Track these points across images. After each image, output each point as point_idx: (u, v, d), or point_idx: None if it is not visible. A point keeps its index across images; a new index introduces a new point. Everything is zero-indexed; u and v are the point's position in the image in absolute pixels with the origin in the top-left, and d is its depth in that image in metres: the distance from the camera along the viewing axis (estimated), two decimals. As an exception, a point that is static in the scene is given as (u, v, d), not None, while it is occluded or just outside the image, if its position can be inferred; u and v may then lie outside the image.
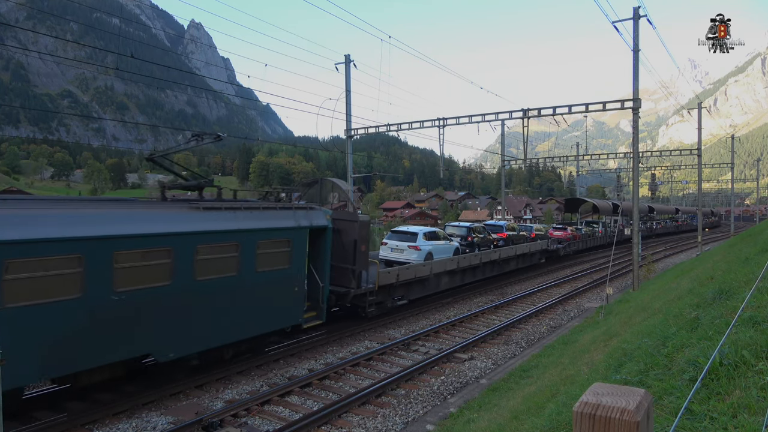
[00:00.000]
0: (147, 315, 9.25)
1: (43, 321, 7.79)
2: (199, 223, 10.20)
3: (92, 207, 9.19)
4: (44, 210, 8.34)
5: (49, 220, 8.11)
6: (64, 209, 8.68)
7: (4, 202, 8.17)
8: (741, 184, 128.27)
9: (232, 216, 10.95)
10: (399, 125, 26.79)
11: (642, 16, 19.49)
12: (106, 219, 8.86)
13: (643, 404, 1.39)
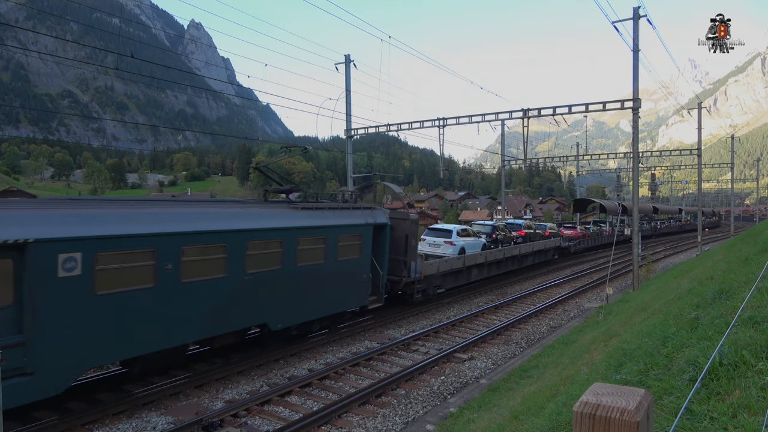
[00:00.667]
0: (265, 292, 11.56)
1: (203, 293, 10.17)
2: (299, 220, 12.58)
3: (228, 207, 11.90)
4: (199, 209, 11.15)
5: (205, 217, 10.74)
6: (212, 209, 11.41)
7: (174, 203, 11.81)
8: (741, 184, 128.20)
9: (321, 215, 13.39)
10: (399, 125, 26.79)
11: (642, 16, 19.49)
12: (239, 216, 11.46)
13: (643, 404, 1.39)
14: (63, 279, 8.05)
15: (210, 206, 11.95)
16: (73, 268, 8.20)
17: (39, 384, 7.83)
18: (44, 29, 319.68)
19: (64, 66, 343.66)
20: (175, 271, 9.66)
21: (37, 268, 7.74)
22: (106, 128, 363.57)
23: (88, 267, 8.36)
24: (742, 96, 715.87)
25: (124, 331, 8.92)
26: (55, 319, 7.96)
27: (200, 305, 10.18)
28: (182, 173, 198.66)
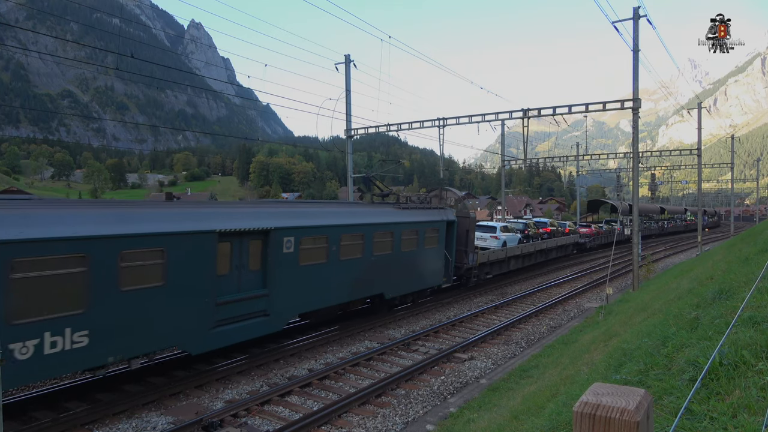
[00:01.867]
0: (382, 271, 15.52)
1: (350, 269, 14.24)
2: (402, 217, 16.66)
3: (358, 206, 16.62)
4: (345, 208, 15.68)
5: (351, 214, 14.90)
6: (352, 208, 16.10)
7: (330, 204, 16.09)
8: (741, 184, 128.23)
9: (413, 213, 17.40)
10: (399, 125, 26.79)
11: (642, 16, 19.48)
12: (368, 214, 15.57)
13: (643, 404, 1.39)
14: (285, 254, 12.17)
15: (350, 206, 16.83)
16: (290, 246, 12.28)
17: (271, 322, 11.92)
18: (44, 29, 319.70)
19: (64, 66, 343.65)
20: (337, 252, 13.71)
21: (274, 246, 11.80)
22: (106, 128, 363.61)
23: (297, 247, 12.42)
24: (742, 96, 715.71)
25: (312, 291, 13.01)
26: (281, 280, 12.01)
27: (349, 277, 14.24)
28: (182, 173, 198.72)
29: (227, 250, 11.01)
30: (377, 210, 16.32)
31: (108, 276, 8.63)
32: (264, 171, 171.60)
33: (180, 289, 9.85)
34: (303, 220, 12.91)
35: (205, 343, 10.49)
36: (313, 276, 12.99)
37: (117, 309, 8.77)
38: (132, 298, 9.01)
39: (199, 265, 10.26)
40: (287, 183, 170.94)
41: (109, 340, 8.66)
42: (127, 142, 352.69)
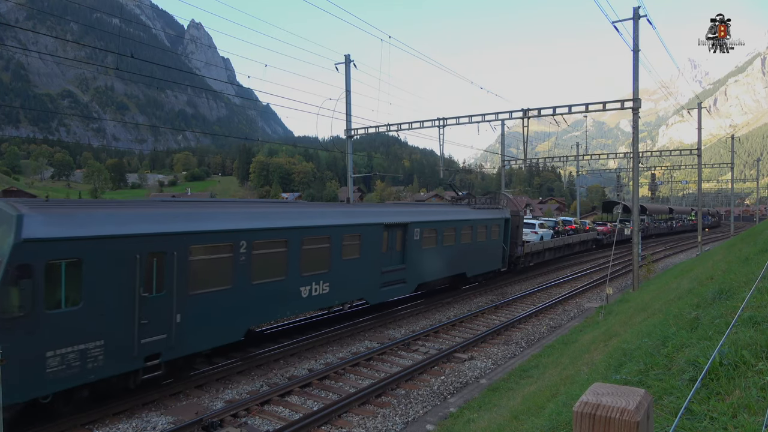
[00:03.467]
0: (465, 255, 20.33)
1: (447, 253, 18.97)
2: (477, 215, 21.49)
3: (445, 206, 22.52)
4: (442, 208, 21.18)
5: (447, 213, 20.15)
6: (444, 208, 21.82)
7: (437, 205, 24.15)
8: (741, 184, 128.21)
9: (483, 212, 22.20)
10: (399, 125, 26.78)
11: (642, 16, 19.47)
12: (456, 212, 20.56)
13: (643, 404, 1.39)
14: (415, 240, 16.96)
15: (446, 207, 22.70)
16: (417, 235, 17.16)
17: (407, 288, 17.04)
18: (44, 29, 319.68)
19: (64, 66, 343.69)
20: (441, 240, 18.63)
21: (409, 234, 16.70)
22: (106, 128, 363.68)
23: (421, 235, 17.32)
24: (742, 96, 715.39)
25: (427, 267, 17.91)
26: (411, 258, 16.90)
27: (447, 258, 19.13)
28: (182, 173, 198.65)
29: (386, 236, 15.91)
30: (461, 210, 21.35)
31: (336, 249, 13.77)
32: (264, 171, 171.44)
33: (366, 260, 14.96)
34: (423, 217, 17.94)
35: (376, 298, 15.84)
36: (428, 256, 17.98)
37: (340, 271, 13.87)
38: (347, 264, 14.19)
39: (375, 245, 15.33)
40: (287, 183, 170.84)
41: (336, 291, 13.77)
42: (127, 142, 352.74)
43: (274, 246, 11.84)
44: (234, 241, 10.79)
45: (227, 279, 10.66)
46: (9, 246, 7.51)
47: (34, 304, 7.65)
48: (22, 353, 7.46)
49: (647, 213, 58.39)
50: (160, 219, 9.77)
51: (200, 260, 10.15)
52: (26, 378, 7.58)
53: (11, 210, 7.91)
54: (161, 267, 9.35)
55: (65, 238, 8.10)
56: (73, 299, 8.17)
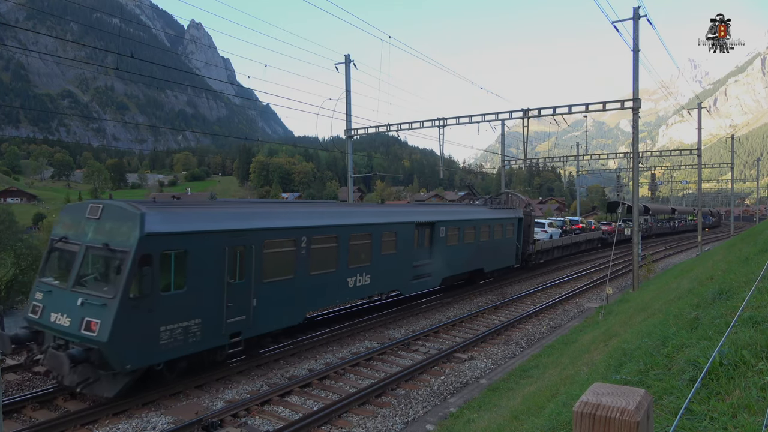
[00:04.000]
0: (483, 252, 21.86)
1: (468, 249, 20.62)
2: (494, 214, 23.41)
3: (467, 207, 23.98)
4: (464, 208, 23.09)
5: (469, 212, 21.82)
6: (465, 208, 23.25)
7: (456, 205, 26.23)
8: (741, 184, 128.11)
9: (499, 212, 24.12)
10: (399, 125, 26.77)
11: (642, 16, 19.46)
12: (474, 212, 22.21)
13: (643, 404, 1.39)
14: (440, 237, 18.62)
15: (466, 207, 24.03)
16: (443, 233, 18.76)
17: (433, 281, 18.50)
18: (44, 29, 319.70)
19: (64, 66, 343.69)
20: (462, 237, 20.21)
21: (436, 232, 18.30)
22: (106, 128, 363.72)
23: (446, 233, 18.95)
24: (742, 96, 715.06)
25: (451, 262, 19.36)
26: (437, 254, 18.29)
27: (468, 255, 20.74)
28: (182, 173, 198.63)
29: (417, 234, 17.35)
30: (479, 209, 23.12)
31: (377, 245, 15.32)
32: (264, 171, 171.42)
33: (401, 255, 16.46)
34: (447, 216, 19.68)
35: (408, 290, 17.51)
36: (452, 253, 19.45)
37: (379, 265, 15.35)
38: (385, 259, 15.75)
39: (408, 242, 16.84)
40: (287, 183, 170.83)
41: (376, 282, 15.38)
42: (127, 142, 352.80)
43: (327, 241, 13.51)
44: (297, 237, 12.44)
45: (291, 269, 12.29)
46: (135, 239, 9.00)
47: (152, 287, 9.20)
48: (143, 327, 9.03)
49: (650, 213, 60.18)
50: (243, 217, 11.44)
51: (271, 253, 11.69)
52: (145, 348, 9.11)
53: (134, 209, 9.43)
54: (243, 258, 10.95)
55: (176, 233, 9.77)
56: (179, 284, 9.73)
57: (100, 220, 9.70)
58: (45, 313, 9.45)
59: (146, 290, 9.10)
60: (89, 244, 9.55)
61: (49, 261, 10.41)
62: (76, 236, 9.87)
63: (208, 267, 10.21)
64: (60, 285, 9.68)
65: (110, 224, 9.55)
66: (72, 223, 10.20)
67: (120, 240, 9.22)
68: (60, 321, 9.11)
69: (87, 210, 9.95)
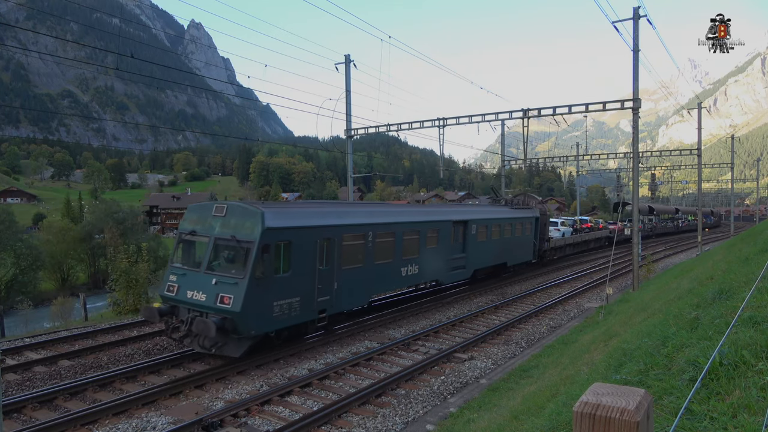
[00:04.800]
0: (506, 247, 24.09)
1: (497, 244, 23.22)
2: (515, 214, 25.41)
3: (493, 206, 26.30)
4: (491, 208, 25.52)
5: (495, 212, 24.17)
6: (489, 208, 25.55)
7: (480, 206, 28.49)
8: (741, 184, 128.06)
9: (519, 211, 26.18)
10: (399, 125, 26.77)
11: (642, 16, 19.46)
12: (499, 212, 24.38)
13: (643, 404, 1.39)
14: (472, 234, 20.67)
15: (493, 207, 26.15)
16: (474, 230, 20.81)
17: (465, 273, 20.75)
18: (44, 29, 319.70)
19: (64, 66, 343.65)
20: (490, 234, 22.44)
21: (469, 229, 20.39)
22: (106, 128, 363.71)
23: (477, 230, 21.00)
24: (742, 96, 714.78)
25: (481, 256, 21.75)
26: (470, 249, 20.52)
27: (494, 250, 23.11)
28: (182, 173, 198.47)
29: (453, 230, 19.65)
30: (502, 209, 25.41)
31: (423, 240, 17.57)
32: (264, 171, 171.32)
33: (441, 249, 18.78)
34: (478, 215, 21.97)
35: (447, 279, 19.84)
36: (481, 248, 21.73)
37: (425, 257, 17.64)
38: (429, 252, 17.94)
39: (447, 238, 19.13)
40: (287, 183, 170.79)
41: (422, 272, 17.65)
42: (127, 142, 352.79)
43: (387, 236, 15.75)
44: (365, 232, 14.75)
45: (361, 259, 14.55)
46: (258, 232, 11.25)
47: (269, 270, 11.42)
48: (264, 302, 11.33)
49: (655, 213, 63.66)
50: (328, 215, 13.82)
51: (348, 245, 13.98)
52: (264, 318, 11.44)
53: (255, 209, 11.75)
54: (328, 249, 13.18)
55: (285, 227, 12.00)
56: (286, 268, 11.98)
57: (225, 217, 11.99)
58: (181, 291, 11.71)
59: (266, 272, 11.35)
60: (217, 236, 11.82)
61: (179, 250, 12.67)
62: (204, 230, 12.15)
63: (305, 255, 12.49)
64: (192, 269, 11.93)
65: (235, 220, 11.81)
66: (199, 219, 12.49)
67: (245, 233, 11.44)
68: (196, 297, 11.39)
69: (213, 209, 12.31)
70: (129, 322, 15.83)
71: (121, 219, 56.49)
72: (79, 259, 55.03)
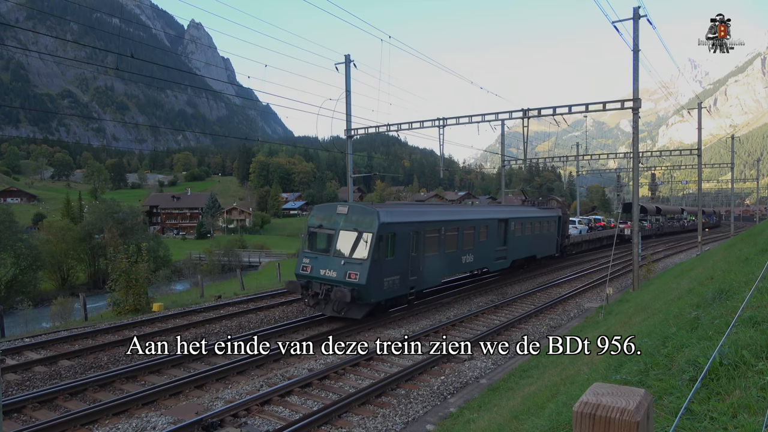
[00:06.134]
0: (535, 242, 27.61)
1: (529, 240, 26.80)
2: (541, 213, 28.73)
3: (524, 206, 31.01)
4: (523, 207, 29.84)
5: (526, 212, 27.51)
6: (520, 207, 29.68)
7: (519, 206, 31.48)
8: (741, 184, 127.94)
9: (545, 210, 29.77)
10: (399, 125, 26.76)
11: (642, 16, 19.46)
12: (530, 211, 27.84)
13: (643, 404, 1.39)
14: (512, 230, 24.26)
15: (525, 206, 29.96)
16: (513, 227, 24.38)
17: (506, 263, 24.52)
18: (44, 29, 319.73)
19: (64, 66, 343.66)
20: (524, 230, 25.70)
21: (509, 226, 24.05)
22: (106, 128, 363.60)
23: (514, 227, 24.46)
24: (742, 96, 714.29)
25: (517, 249, 25.10)
26: (509, 242, 24.11)
27: (527, 243, 26.41)
28: (182, 173, 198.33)
29: (497, 226, 23.13)
30: (532, 209, 28.75)
31: (477, 234, 21.15)
32: (264, 171, 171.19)
33: (489, 242, 22.36)
34: (515, 214, 25.23)
35: (493, 267, 23.77)
36: (518, 242, 25.11)
37: (478, 248, 21.23)
38: (481, 244, 21.59)
39: (493, 232, 22.76)
40: (287, 183, 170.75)
41: (476, 261, 21.43)
42: (127, 142, 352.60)
43: (453, 230, 19.44)
44: (439, 227, 18.43)
45: (437, 248, 18.24)
46: (376, 226, 15.07)
47: (382, 254, 15.31)
48: (379, 277, 15.15)
49: (662, 213, 67.65)
50: (415, 214, 17.85)
51: (428, 237, 17.68)
52: (379, 290, 15.28)
53: (372, 209, 15.73)
54: (416, 240, 16.89)
55: (391, 223, 15.75)
56: (390, 253, 15.72)
57: (347, 215, 15.79)
58: (314, 270, 15.68)
59: (380, 256, 15.22)
60: (342, 229, 15.65)
61: (309, 240, 16.56)
62: (330, 225, 16.00)
63: (403, 244, 16.24)
64: (322, 254, 15.84)
65: (356, 217, 15.59)
66: (325, 216, 16.33)
67: (366, 226, 15.23)
68: (328, 274, 15.28)
69: (337, 209, 16.20)
70: (129, 322, 15.83)
71: (121, 219, 56.62)
72: (78, 259, 55.03)
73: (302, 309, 18.01)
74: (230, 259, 65.03)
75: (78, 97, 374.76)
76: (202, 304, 19.02)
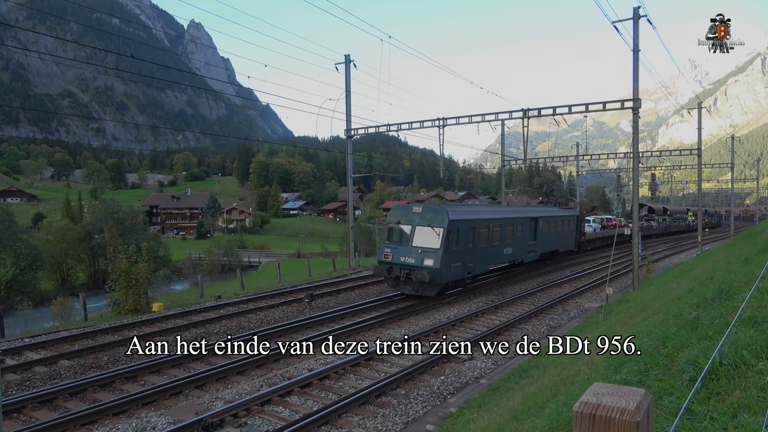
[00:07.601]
0: (556, 239, 31.02)
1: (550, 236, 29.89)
2: (562, 212, 32.55)
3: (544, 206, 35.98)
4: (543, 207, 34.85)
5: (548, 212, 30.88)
6: (542, 207, 35.24)
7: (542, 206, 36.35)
8: (741, 184, 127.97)
9: (565, 210, 34.15)
10: (399, 125, 26.77)
11: (642, 16, 19.46)
12: (550, 211, 31.13)
13: (643, 404, 1.39)
14: (540, 227, 27.70)
15: (548, 206, 34.37)
16: (541, 224, 27.74)
17: (536, 255, 27.93)
18: (44, 29, 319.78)
19: (64, 66, 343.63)
20: (549, 227, 29.28)
21: (537, 223, 27.40)
22: (106, 128, 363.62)
23: (541, 224, 27.79)
24: (742, 96, 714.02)
25: (544, 243, 28.75)
26: (538, 237, 27.63)
27: (551, 239, 29.81)
28: (182, 173, 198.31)
29: (530, 224, 26.19)
30: (555, 209, 32.33)
31: (515, 230, 24.40)
32: (264, 171, 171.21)
33: (523, 237, 25.45)
34: (542, 214, 28.32)
35: (526, 258, 26.54)
36: (545, 237, 28.32)
37: (515, 242, 24.46)
38: (518, 239, 24.74)
39: (526, 229, 25.69)
40: (287, 183, 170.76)
41: (514, 253, 24.71)
42: (126, 142, 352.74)
43: (497, 227, 22.79)
44: (488, 224, 21.96)
45: (486, 241, 21.69)
46: (446, 222, 18.61)
47: (450, 245, 18.73)
48: (448, 263, 18.63)
49: (668, 213, 71.73)
50: (471, 212, 21.67)
51: (480, 231, 21.15)
52: (448, 273, 18.74)
53: (442, 208, 19.71)
54: (473, 234, 20.43)
55: (457, 220, 19.25)
56: (455, 245, 19.19)
57: (422, 213, 19.39)
58: (395, 258, 19.10)
59: (449, 246, 18.73)
60: (417, 225, 19.15)
61: (389, 234, 20.04)
62: (407, 221, 19.51)
63: (464, 237, 19.78)
64: (400, 244, 19.33)
65: (430, 215, 19.22)
66: (402, 214, 19.77)
67: (438, 223, 18.79)
68: (407, 261, 18.76)
69: (412, 208, 19.87)
70: (129, 322, 15.84)
71: (120, 219, 56.61)
72: (78, 259, 55.03)
73: (302, 309, 18.01)
74: (230, 259, 65.09)
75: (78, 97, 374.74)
76: (202, 304, 19.03)
